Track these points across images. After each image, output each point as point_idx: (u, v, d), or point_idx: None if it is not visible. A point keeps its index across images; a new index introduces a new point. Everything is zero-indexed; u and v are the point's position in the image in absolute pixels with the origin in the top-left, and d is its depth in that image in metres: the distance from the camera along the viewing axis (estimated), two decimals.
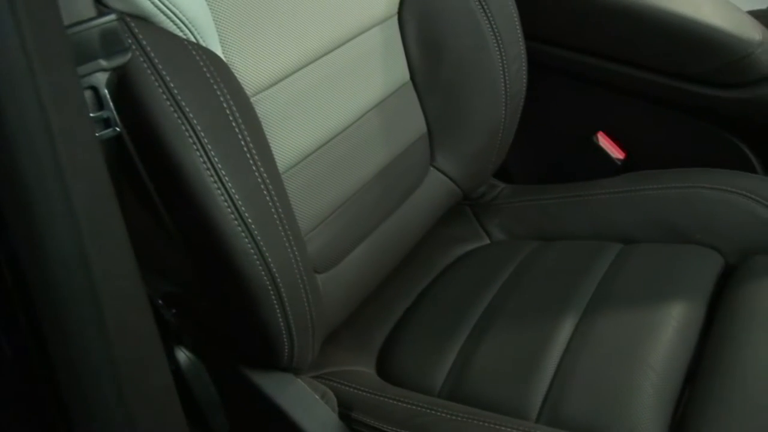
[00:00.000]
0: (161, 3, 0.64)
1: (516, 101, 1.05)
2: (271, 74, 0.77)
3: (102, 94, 0.59)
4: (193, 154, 0.63)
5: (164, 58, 0.63)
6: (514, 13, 1.03)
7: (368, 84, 0.91)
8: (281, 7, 0.78)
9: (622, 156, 1.22)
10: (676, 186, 1.05)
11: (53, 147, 0.49)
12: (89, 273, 0.53)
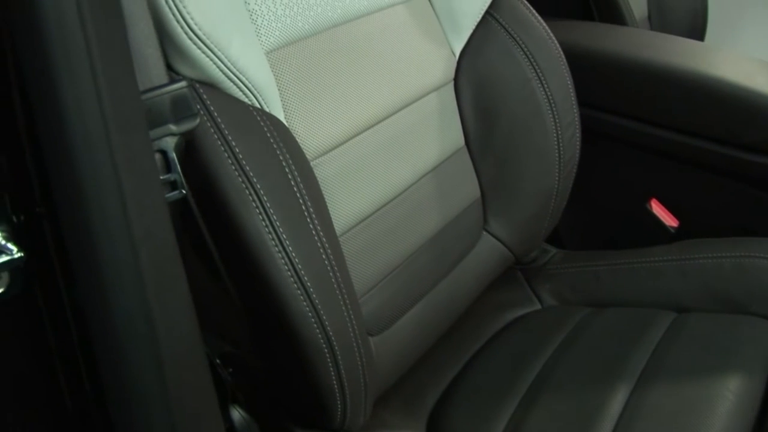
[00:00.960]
0: (229, 70, 0.66)
1: (569, 167, 1.05)
2: (331, 139, 0.78)
3: (170, 158, 0.60)
4: (255, 217, 0.64)
5: (230, 124, 0.64)
6: (569, 81, 1.03)
7: (424, 149, 0.92)
8: (342, 74, 0.80)
9: (676, 224, 1.21)
10: (731, 255, 1.03)
11: (124, 209, 0.51)
12: (152, 332, 0.53)
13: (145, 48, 0.62)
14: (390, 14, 0.89)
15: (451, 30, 0.97)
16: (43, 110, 0.50)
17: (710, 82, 1.10)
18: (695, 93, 1.10)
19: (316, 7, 0.79)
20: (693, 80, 1.11)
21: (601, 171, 1.24)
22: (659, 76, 1.14)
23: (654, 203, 1.22)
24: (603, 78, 1.17)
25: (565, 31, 1.25)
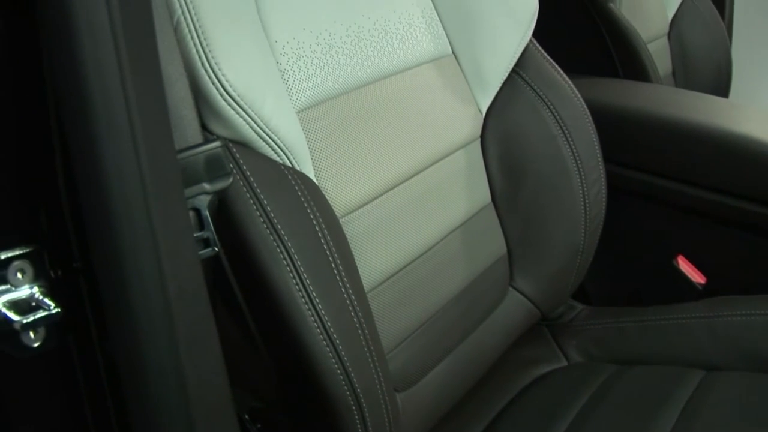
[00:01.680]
0: (261, 130, 0.68)
1: (595, 224, 1.06)
2: (360, 196, 0.79)
3: (204, 216, 0.62)
4: (286, 274, 0.65)
5: (263, 182, 0.66)
6: (594, 138, 1.04)
7: (451, 206, 0.93)
8: (371, 132, 0.82)
9: (703, 280, 1.20)
10: (761, 313, 1.02)
11: (159, 267, 0.52)
12: (183, 387, 0.54)
13: (181, 109, 0.64)
14: (418, 73, 0.91)
15: (478, 88, 0.99)
16: (83, 169, 0.52)
17: (735, 138, 1.10)
18: (720, 150, 1.11)
19: (347, 67, 0.81)
20: (718, 137, 1.11)
21: (627, 227, 1.24)
22: (684, 132, 1.15)
23: (681, 260, 1.21)
24: (628, 135, 1.18)
25: (591, 87, 1.27)
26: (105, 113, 0.51)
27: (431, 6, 0.96)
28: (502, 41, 0.98)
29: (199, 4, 0.65)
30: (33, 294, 0.58)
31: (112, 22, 0.50)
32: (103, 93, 0.50)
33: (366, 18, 0.85)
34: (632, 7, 1.58)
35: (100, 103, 0.50)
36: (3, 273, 0.57)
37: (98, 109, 0.50)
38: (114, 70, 0.51)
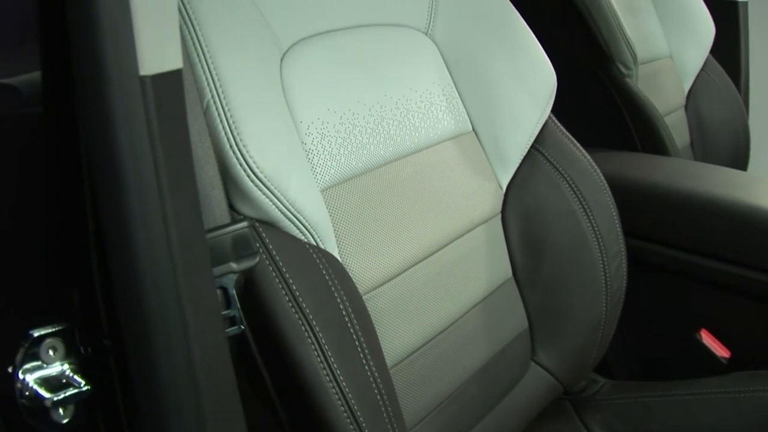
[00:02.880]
0: (288, 210, 0.70)
1: (616, 297, 1.06)
2: (383, 273, 0.81)
3: (230, 294, 0.63)
4: (311, 352, 0.66)
5: (288, 262, 0.67)
6: (614, 211, 1.06)
7: (472, 281, 0.94)
8: (393, 210, 0.84)
9: (728, 354, 1.19)
10: None
11: (188, 346, 0.53)
12: None
13: (210, 189, 0.66)
14: (439, 150, 0.93)
15: (499, 164, 1.01)
16: (115, 249, 0.54)
17: (754, 211, 1.11)
18: (740, 223, 1.11)
19: (369, 146, 0.84)
20: (737, 210, 1.12)
21: (648, 300, 1.24)
22: (703, 206, 1.16)
23: (704, 333, 1.21)
24: (648, 208, 1.19)
25: (609, 161, 1.29)
26: (138, 195, 0.53)
27: (451, 84, 0.99)
28: (521, 118, 1.01)
29: (229, 88, 0.68)
30: (64, 371, 0.59)
31: (146, 109, 0.52)
32: (136, 175, 0.52)
33: (388, 98, 0.88)
34: (649, 81, 1.61)
35: (134, 185, 0.53)
36: (35, 350, 0.59)
37: (131, 191, 0.53)
38: (147, 154, 0.53)
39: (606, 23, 1.43)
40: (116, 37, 0.51)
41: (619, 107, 1.47)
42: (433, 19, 0.99)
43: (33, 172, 0.59)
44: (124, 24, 0.51)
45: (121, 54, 0.51)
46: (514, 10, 1.05)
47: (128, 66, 0.51)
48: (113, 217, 0.53)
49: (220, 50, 0.69)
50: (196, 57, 0.68)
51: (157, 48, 0.52)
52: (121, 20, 0.51)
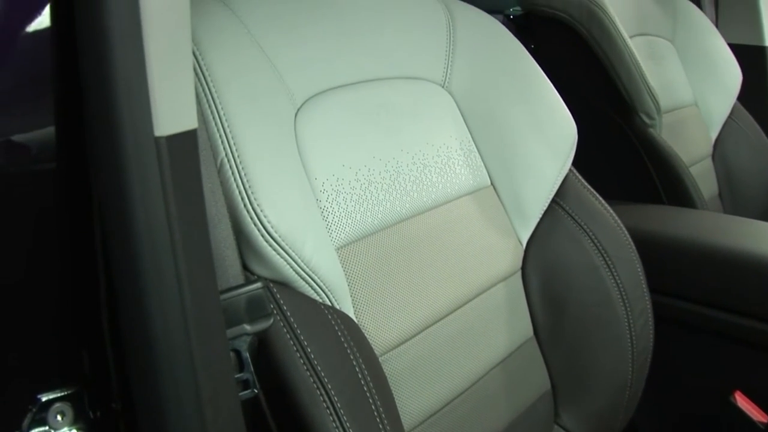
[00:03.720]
0: (302, 270, 0.71)
1: (643, 357, 1.06)
2: (400, 334, 0.82)
3: (244, 357, 0.64)
4: (326, 416, 0.66)
5: (303, 323, 0.68)
6: (639, 267, 1.06)
7: (492, 341, 0.94)
8: (410, 268, 0.85)
9: (765, 419, 1.18)
10: None
11: (200, 411, 0.54)
12: None
13: (223, 249, 0.68)
14: (457, 206, 0.95)
15: (518, 219, 1.02)
16: (126, 309, 0.55)
17: None
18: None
19: (386, 203, 0.85)
20: None
21: (677, 360, 1.24)
22: (733, 261, 1.16)
23: (738, 396, 1.20)
24: (675, 263, 1.20)
25: (633, 215, 1.30)
26: (151, 255, 0.54)
27: (469, 137, 1.01)
28: (541, 172, 1.02)
29: (243, 146, 0.70)
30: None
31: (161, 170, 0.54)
32: (150, 236, 0.54)
33: (405, 153, 0.90)
34: (673, 131, 1.62)
35: (147, 246, 0.54)
36: (43, 415, 0.60)
37: (145, 251, 0.54)
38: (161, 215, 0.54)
39: (627, 73, 1.45)
40: (131, 98, 0.53)
41: (643, 158, 1.49)
42: (450, 71, 1.01)
43: (44, 229, 0.61)
44: (139, 84, 0.53)
45: (136, 115, 0.53)
46: (532, 60, 1.08)
47: (143, 127, 0.53)
48: (125, 278, 0.55)
49: (235, 107, 0.71)
50: (210, 114, 0.70)
51: (173, 109, 0.54)
52: (137, 80, 0.53)
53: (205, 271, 0.58)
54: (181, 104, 0.55)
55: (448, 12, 1.04)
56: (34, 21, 0.56)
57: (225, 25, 0.76)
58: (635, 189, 1.51)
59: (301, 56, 0.83)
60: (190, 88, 0.56)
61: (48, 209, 0.60)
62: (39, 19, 0.56)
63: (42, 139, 0.58)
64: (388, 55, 0.94)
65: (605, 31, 1.46)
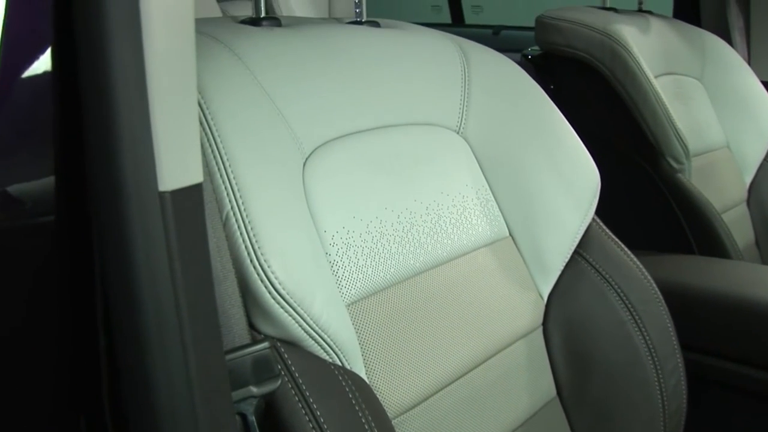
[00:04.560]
0: (311, 329, 0.73)
1: (676, 419, 1.06)
2: (414, 395, 0.83)
3: (250, 421, 0.65)
4: None
5: (312, 385, 0.70)
6: (669, 322, 1.07)
7: (512, 402, 0.95)
8: (425, 324, 0.86)
9: None
10: None
11: None
12: None
13: (229, 307, 0.69)
14: (473, 258, 0.96)
15: (539, 271, 1.04)
16: (128, 372, 0.57)
17: None
18: None
19: (398, 256, 0.87)
20: None
21: (712, 423, 1.24)
22: None
23: None
24: (708, 319, 1.20)
25: (662, 266, 1.31)
26: (155, 316, 0.56)
27: (486, 186, 1.03)
28: (562, 221, 1.04)
29: (249, 198, 0.72)
30: None
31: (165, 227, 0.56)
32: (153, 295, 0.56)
33: (418, 203, 0.92)
34: (704, 176, 1.64)
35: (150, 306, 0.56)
36: None
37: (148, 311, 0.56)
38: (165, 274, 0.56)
39: (653, 114, 1.47)
40: (135, 151, 0.55)
41: (671, 205, 1.50)
42: (465, 116, 1.04)
43: (42, 288, 0.62)
44: (143, 137, 0.55)
45: (139, 169, 0.55)
46: (551, 103, 1.10)
47: (147, 182, 0.55)
48: (127, 340, 0.56)
49: (240, 158, 0.73)
50: (215, 165, 0.72)
51: (178, 162, 0.57)
52: (141, 133, 0.55)
53: (210, 331, 0.59)
54: (186, 157, 0.57)
55: (463, 54, 1.07)
56: (34, 67, 0.57)
57: (231, 72, 0.79)
58: (663, 238, 1.52)
59: (310, 103, 0.85)
60: (196, 140, 0.58)
61: (45, 267, 0.62)
62: (39, 65, 0.58)
63: (41, 191, 0.59)
64: (400, 101, 0.97)
65: (629, 70, 1.49)
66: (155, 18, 0.55)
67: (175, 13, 0.57)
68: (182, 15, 0.58)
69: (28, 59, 0.57)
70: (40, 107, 0.58)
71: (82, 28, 0.55)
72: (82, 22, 0.55)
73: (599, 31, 1.53)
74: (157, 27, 0.55)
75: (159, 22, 0.55)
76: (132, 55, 0.55)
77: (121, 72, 0.54)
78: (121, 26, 0.54)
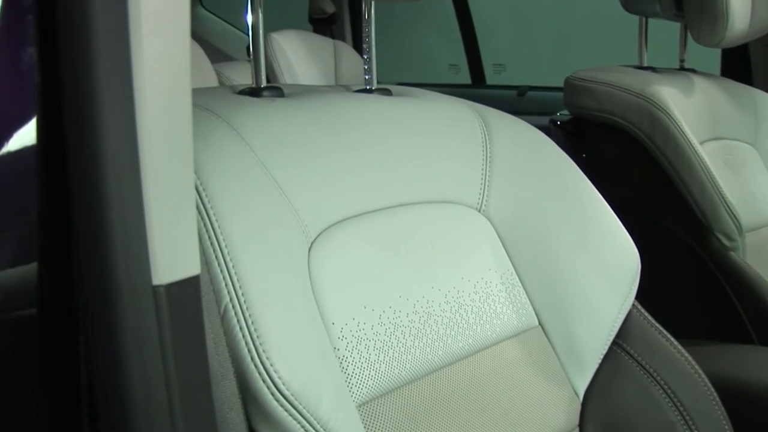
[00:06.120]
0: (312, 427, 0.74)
1: None
2: None
3: None
4: None
5: None
6: (725, 423, 1.06)
7: None
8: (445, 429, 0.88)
9: None
10: None
11: None
12: None
13: (227, 411, 0.71)
14: (499, 351, 0.98)
15: (573, 365, 1.05)
16: None
17: None
18: None
19: (415, 350, 0.89)
20: None
21: None
22: None
23: None
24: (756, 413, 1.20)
25: (715, 358, 1.31)
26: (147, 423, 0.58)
27: (511, 269, 1.05)
28: (598, 308, 1.05)
29: (250, 289, 0.75)
30: None
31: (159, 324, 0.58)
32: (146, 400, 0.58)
33: (436, 290, 0.94)
34: (760, 253, 1.63)
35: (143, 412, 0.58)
36: None
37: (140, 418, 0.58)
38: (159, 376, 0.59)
39: (699, 185, 1.49)
40: (127, 241, 0.58)
41: (723, 288, 1.51)
42: (487, 192, 1.06)
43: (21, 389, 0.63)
44: (136, 226, 0.58)
45: (132, 261, 0.58)
46: (582, 176, 1.12)
47: (140, 274, 0.58)
48: None
49: (240, 244, 0.76)
50: (212, 253, 0.75)
51: (173, 253, 0.59)
52: (134, 221, 0.58)
53: None
54: (182, 248, 0.60)
55: (483, 123, 1.10)
56: (18, 144, 0.59)
57: (229, 149, 0.82)
58: (716, 326, 1.52)
59: (316, 182, 0.88)
60: (193, 229, 0.61)
61: (25, 365, 0.63)
62: (24, 142, 0.59)
63: (22, 280, 0.60)
64: (416, 177, 0.99)
65: (670, 136, 1.52)
66: (149, 91, 0.58)
67: (170, 87, 0.59)
68: (178, 87, 0.60)
69: (11, 135, 0.59)
70: (24, 188, 0.60)
71: (70, 102, 0.57)
72: (71, 95, 0.57)
73: (636, 94, 1.56)
74: (151, 100, 0.58)
75: (152, 94, 0.58)
76: (124, 132, 0.57)
77: (111, 151, 0.57)
78: (113, 101, 0.56)
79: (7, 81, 0.59)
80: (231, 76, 3.04)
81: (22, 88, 0.60)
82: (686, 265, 1.54)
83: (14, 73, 0.59)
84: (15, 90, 0.60)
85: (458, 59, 4.10)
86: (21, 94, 0.60)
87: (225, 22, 4.47)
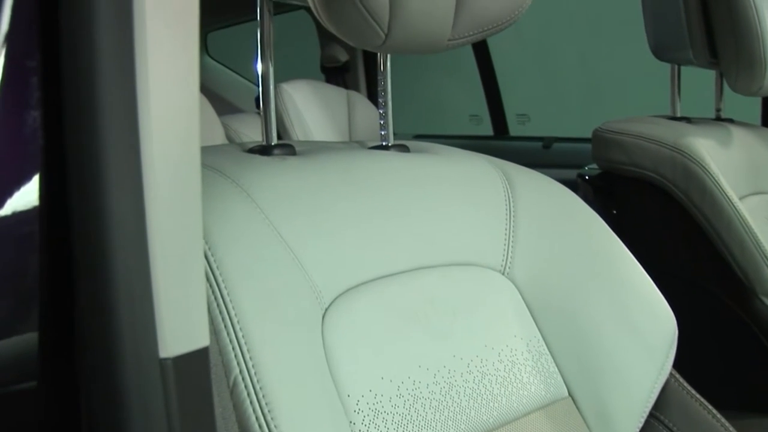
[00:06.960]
0: None
1: None
2: None
3: None
4: None
5: None
6: None
7: None
8: None
9: None
10: None
11: None
12: None
13: None
14: (526, 425, 0.98)
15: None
16: None
17: None
18: None
19: (435, 424, 0.89)
20: None
21: None
22: None
23: None
24: None
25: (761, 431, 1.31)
26: None
27: (539, 336, 1.05)
28: (633, 377, 1.05)
29: (261, 361, 0.76)
30: None
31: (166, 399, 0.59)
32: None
33: (458, 359, 0.95)
34: None
35: None
36: None
37: None
38: None
39: (740, 244, 1.49)
40: (133, 313, 0.59)
41: None
42: (511, 254, 1.07)
43: None
44: (143, 296, 0.59)
45: (138, 333, 0.59)
46: (612, 235, 1.13)
47: (146, 347, 0.59)
48: None
49: (250, 312, 0.77)
50: (221, 322, 0.76)
51: (182, 324, 0.60)
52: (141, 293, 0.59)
53: None
54: (191, 318, 0.61)
55: (506, 180, 1.11)
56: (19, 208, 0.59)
57: (239, 213, 0.84)
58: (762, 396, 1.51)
59: (330, 246, 0.89)
60: (202, 299, 0.62)
61: None
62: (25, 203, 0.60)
63: (21, 350, 0.61)
64: (435, 239, 1.01)
65: (707, 192, 1.52)
66: (157, 154, 0.59)
67: (179, 147, 0.61)
68: (187, 148, 0.61)
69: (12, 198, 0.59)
70: (24, 254, 0.61)
71: (74, 164, 0.59)
72: (75, 157, 0.59)
73: (669, 147, 1.57)
74: (159, 163, 0.59)
75: (161, 158, 0.59)
76: (130, 195, 0.58)
77: (117, 217, 0.58)
78: (119, 163, 0.58)
79: (10, 143, 0.60)
80: (238, 129, 3.06)
81: (25, 150, 0.61)
82: (728, 330, 1.54)
83: (17, 134, 0.60)
84: (18, 152, 0.61)
85: (479, 109, 4.11)
86: (24, 157, 0.61)
87: (232, 71, 4.51)
